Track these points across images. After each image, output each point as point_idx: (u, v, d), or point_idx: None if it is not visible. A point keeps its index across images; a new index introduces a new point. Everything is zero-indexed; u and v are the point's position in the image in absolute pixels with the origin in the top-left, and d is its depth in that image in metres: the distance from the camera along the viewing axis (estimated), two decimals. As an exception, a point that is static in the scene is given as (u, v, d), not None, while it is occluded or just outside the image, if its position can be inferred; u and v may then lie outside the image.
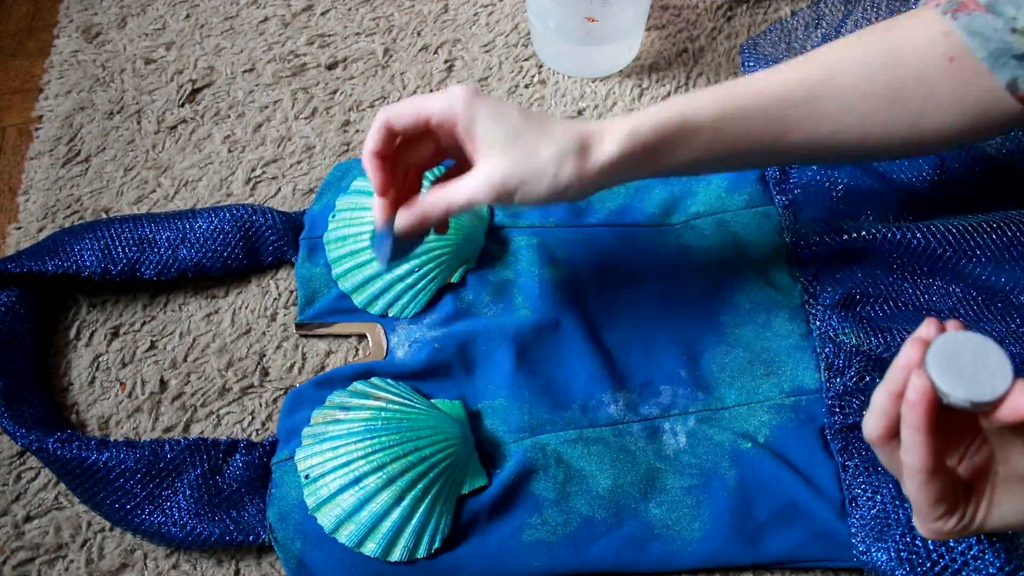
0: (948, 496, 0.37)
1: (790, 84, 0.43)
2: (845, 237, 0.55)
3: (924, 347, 0.35)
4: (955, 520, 0.38)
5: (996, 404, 0.33)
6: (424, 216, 0.43)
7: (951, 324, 0.36)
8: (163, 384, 0.57)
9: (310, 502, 0.49)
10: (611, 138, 0.42)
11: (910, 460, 0.36)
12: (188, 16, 0.75)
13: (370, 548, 0.48)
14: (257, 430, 0.56)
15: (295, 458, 0.51)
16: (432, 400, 0.53)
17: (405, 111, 0.42)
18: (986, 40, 0.40)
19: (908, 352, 0.36)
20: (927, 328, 0.37)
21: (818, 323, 0.55)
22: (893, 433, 0.38)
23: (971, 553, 0.45)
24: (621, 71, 0.71)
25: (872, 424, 0.38)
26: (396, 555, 0.48)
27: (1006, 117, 0.42)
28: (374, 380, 0.54)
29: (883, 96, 0.43)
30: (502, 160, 0.41)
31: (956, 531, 0.39)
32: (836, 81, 0.43)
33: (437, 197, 0.43)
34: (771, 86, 0.43)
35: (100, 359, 0.58)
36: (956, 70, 0.41)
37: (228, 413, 0.56)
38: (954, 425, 0.38)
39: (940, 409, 0.35)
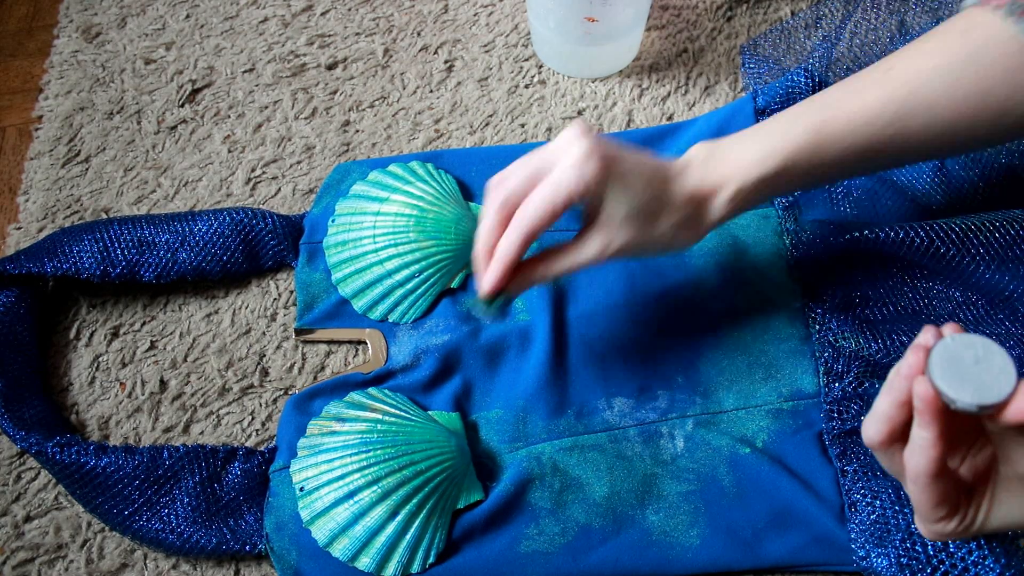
0: (950, 498, 0.38)
1: (875, 108, 0.43)
2: (847, 236, 0.55)
3: (926, 354, 0.35)
4: (956, 521, 0.38)
5: (1002, 406, 0.33)
6: (533, 281, 0.44)
7: (948, 328, 0.36)
8: (163, 384, 0.57)
9: (304, 515, 0.49)
10: (721, 199, 0.43)
11: (916, 463, 0.36)
12: (188, 16, 0.75)
13: (364, 563, 0.48)
14: (257, 430, 0.56)
15: (290, 469, 0.51)
16: (429, 412, 0.53)
17: (546, 213, 0.39)
18: None
19: (910, 360, 0.36)
20: (926, 335, 0.36)
21: (817, 326, 0.55)
22: (895, 438, 0.38)
23: (971, 559, 0.45)
24: (621, 71, 0.71)
25: (873, 430, 0.38)
26: (390, 570, 0.48)
27: None
28: (371, 390, 0.54)
29: (971, 101, 0.42)
30: (620, 232, 0.41)
31: (958, 532, 0.39)
32: (921, 96, 0.42)
33: (552, 264, 0.43)
34: (858, 113, 0.43)
35: (100, 359, 0.59)
36: None
37: (228, 413, 0.56)
38: (955, 427, 0.38)
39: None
